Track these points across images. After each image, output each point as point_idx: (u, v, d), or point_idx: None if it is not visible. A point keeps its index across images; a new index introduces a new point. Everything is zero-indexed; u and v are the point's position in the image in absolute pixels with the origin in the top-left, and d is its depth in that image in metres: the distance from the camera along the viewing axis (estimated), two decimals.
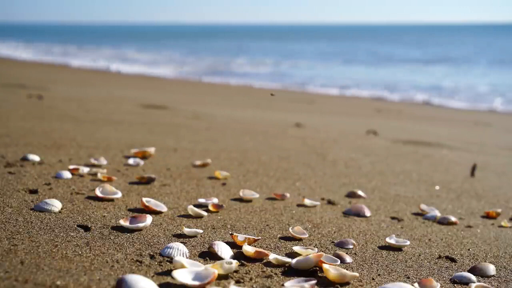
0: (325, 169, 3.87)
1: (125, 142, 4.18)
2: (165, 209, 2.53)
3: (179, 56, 28.40)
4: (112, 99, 7.68)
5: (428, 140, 5.79)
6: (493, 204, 3.30)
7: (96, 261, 1.84)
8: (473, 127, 8.08)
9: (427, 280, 1.91)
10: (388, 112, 9.58)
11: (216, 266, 1.80)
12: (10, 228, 2.08)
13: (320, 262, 1.96)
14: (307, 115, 7.88)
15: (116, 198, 2.63)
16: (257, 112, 7.63)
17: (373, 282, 1.93)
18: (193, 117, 6.22)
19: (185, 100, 8.79)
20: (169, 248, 1.98)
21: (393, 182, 3.66)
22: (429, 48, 37.29)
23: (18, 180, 2.80)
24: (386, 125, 7.26)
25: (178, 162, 3.64)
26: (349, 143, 5.15)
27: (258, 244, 2.21)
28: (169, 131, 4.99)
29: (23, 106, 5.86)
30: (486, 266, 2.15)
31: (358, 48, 37.90)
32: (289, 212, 2.72)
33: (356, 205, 2.86)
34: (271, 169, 3.70)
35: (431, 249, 2.37)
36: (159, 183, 3.05)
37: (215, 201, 2.73)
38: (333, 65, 23.53)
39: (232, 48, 36.82)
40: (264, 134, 5.27)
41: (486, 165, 4.60)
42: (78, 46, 35.61)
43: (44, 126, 4.58)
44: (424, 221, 2.81)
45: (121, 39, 53.63)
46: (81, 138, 4.17)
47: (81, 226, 2.20)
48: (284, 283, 1.80)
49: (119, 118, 5.61)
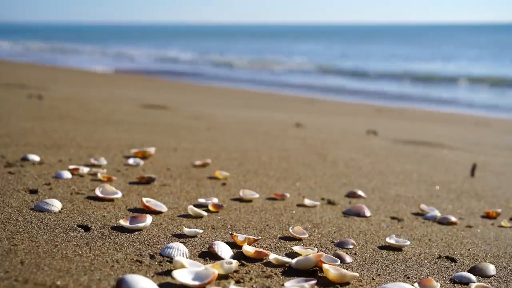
0: (325, 169, 3.87)
1: (125, 142, 4.18)
2: (165, 209, 2.53)
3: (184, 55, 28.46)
4: (112, 99, 7.68)
5: (428, 140, 5.79)
6: (493, 204, 3.30)
7: (96, 261, 1.84)
8: (473, 127, 8.08)
9: (427, 280, 1.91)
10: (388, 112, 9.58)
11: (216, 266, 1.80)
12: (10, 228, 2.08)
13: (320, 262, 1.96)
14: (307, 115, 7.88)
15: (116, 198, 2.63)
16: (257, 112, 7.63)
17: (373, 282, 1.93)
18: (193, 117, 6.22)
19: (185, 100, 8.79)
20: (169, 248, 1.98)
21: (393, 182, 3.66)
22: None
23: (18, 180, 2.80)
24: (386, 125, 7.26)
25: (178, 162, 3.64)
26: (349, 143, 5.15)
27: (258, 244, 2.21)
28: (169, 131, 4.99)
29: (23, 106, 5.86)
30: (486, 266, 2.15)
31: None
32: (289, 212, 2.72)
33: (356, 205, 2.86)
34: (271, 169, 3.70)
35: (431, 249, 2.37)
36: (159, 183, 3.05)
37: (215, 201, 2.73)
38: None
39: (232, 48, 36.82)
40: (264, 134, 5.27)
41: (486, 165, 4.59)
42: (74, 45, 35.64)
43: (44, 126, 4.58)
44: (424, 221, 2.81)
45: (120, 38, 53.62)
46: (81, 138, 4.17)
47: (81, 226, 2.20)
48: (284, 283, 1.80)
49: (119, 118, 5.61)
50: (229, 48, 37.63)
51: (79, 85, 10.29)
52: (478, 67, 22.39)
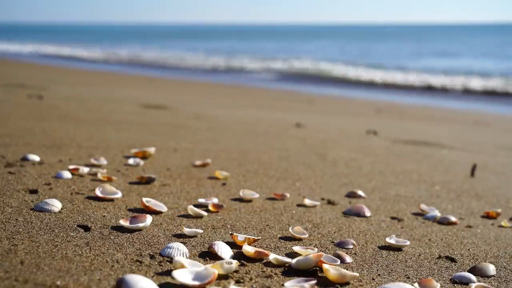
0: (325, 169, 3.87)
1: (125, 142, 4.18)
2: (165, 209, 2.53)
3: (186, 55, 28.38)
4: (112, 99, 7.68)
5: (428, 140, 5.79)
6: (493, 204, 3.30)
7: (96, 261, 1.84)
8: (473, 127, 8.08)
9: (427, 280, 1.91)
10: (388, 112, 9.58)
11: (216, 266, 1.80)
12: (10, 228, 2.08)
13: (320, 262, 1.96)
14: (307, 115, 7.88)
15: (116, 198, 2.63)
16: (257, 112, 7.63)
17: (373, 282, 1.93)
18: (193, 117, 6.22)
19: (185, 100, 8.79)
20: (169, 248, 1.98)
21: (393, 182, 3.66)
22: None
23: (18, 180, 2.80)
24: (386, 125, 7.26)
25: (178, 162, 3.64)
26: (349, 143, 5.15)
27: (258, 244, 2.21)
28: (169, 131, 4.99)
29: (23, 106, 5.86)
30: (486, 266, 2.15)
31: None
32: (289, 212, 2.72)
33: (356, 205, 2.86)
34: (271, 169, 3.70)
35: (431, 249, 2.37)
36: (159, 183, 3.05)
37: (215, 201, 2.73)
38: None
39: (232, 48, 36.81)
40: (264, 134, 5.27)
41: (486, 165, 4.60)
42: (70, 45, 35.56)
43: (44, 126, 4.58)
44: (424, 221, 2.81)
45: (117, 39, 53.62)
46: (81, 138, 4.17)
47: (81, 226, 2.20)
48: (284, 283, 1.80)
49: (119, 118, 5.61)
50: (229, 47, 37.59)
51: (79, 85, 10.29)
52: (478, 67, 22.40)
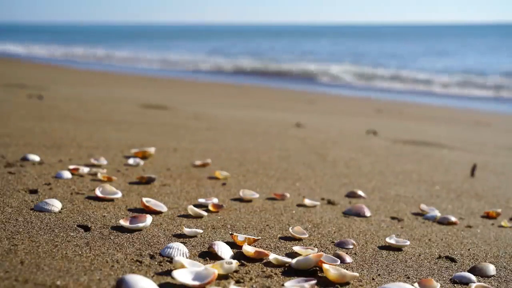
0: (325, 169, 3.87)
1: (125, 142, 4.18)
2: (165, 209, 2.53)
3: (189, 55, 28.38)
4: (112, 99, 7.68)
5: (428, 140, 5.79)
6: (493, 204, 3.30)
7: (96, 261, 1.84)
8: (473, 127, 8.08)
9: (427, 280, 1.91)
10: (388, 112, 9.58)
11: (216, 266, 1.80)
12: (10, 228, 2.08)
13: (320, 262, 1.96)
14: (307, 115, 7.88)
15: (116, 198, 2.63)
16: (257, 112, 7.63)
17: (373, 282, 1.93)
18: (193, 117, 6.22)
19: (185, 100, 8.79)
20: (169, 248, 1.98)
21: (393, 182, 3.66)
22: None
23: (18, 180, 2.80)
24: (386, 125, 7.26)
25: (178, 162, 3.64)
26: (349, 143, 5.15)
27: (258, 244, 2.21)
28: (169, 131, 4.99)
29: (23, 106, 5.86)
30: (486, 266, 2.15)
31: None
32: (289, 212, 2.72)
33: (356, 205, 2.86)
34: (271, 169, 3.70)
35: (431, 249, 2.37)
36: (159, 183, 3.05)
37: (215, 201, 2.73)
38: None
39: (231, 48, 36.83)
40: (264, 134, 5.27)
41: (486, 165, 4.60)
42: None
43: (44, 126, 4.58)
44: (424, 221, 2.81)
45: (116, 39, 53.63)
46: (81, 138, 4.17)
47: (81, 226, 2.20)
48: (284, 283, 1.80)
49: (119, 118, 5.61)
50: (228, 48, 37.59)
51: (79, 85, 10.29)
52: (478, 67, 22.41)
